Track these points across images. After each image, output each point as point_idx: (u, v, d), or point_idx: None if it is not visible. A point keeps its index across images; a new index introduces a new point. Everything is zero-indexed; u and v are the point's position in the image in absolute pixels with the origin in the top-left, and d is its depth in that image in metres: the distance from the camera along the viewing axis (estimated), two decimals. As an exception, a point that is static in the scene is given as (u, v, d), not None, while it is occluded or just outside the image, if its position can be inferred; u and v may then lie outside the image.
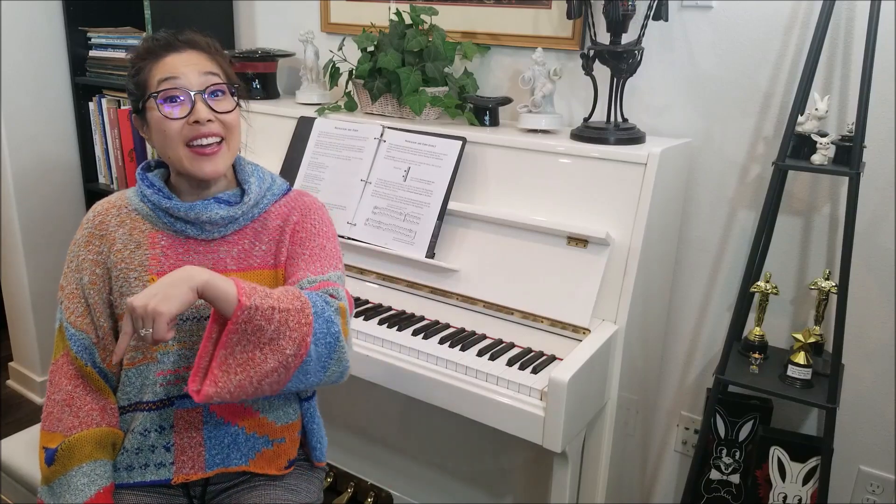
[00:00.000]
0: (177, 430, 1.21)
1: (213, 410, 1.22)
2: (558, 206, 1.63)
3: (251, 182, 1.25)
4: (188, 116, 1.14)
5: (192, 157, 1.16)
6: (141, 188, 1.23)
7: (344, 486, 2.11)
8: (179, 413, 1.21)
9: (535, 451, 1.76)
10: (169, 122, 1.15)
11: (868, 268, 1.66)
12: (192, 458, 1.22)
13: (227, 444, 1.24)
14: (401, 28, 1.91)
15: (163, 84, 1.15)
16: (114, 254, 1.20)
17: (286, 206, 1.29)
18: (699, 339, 1.91)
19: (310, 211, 1.29)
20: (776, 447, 1.70)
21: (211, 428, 1.23)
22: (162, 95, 1.14)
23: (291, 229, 1.26)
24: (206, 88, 1.16)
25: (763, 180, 1.73)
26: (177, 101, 1.15)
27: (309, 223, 1.27)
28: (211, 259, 1.22)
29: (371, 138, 1.85)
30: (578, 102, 1.92)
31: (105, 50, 2.48)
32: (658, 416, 2.01)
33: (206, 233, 1.22)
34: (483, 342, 1.57)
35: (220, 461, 1.24)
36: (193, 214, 1.19)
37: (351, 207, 1.81)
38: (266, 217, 1.27)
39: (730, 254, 1.82)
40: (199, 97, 1.15)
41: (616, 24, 1.63)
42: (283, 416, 1.28)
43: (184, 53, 1.17)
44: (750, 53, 1.69)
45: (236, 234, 1.24)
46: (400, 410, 2.00)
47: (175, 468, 1.22)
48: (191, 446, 1.22)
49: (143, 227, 1.22)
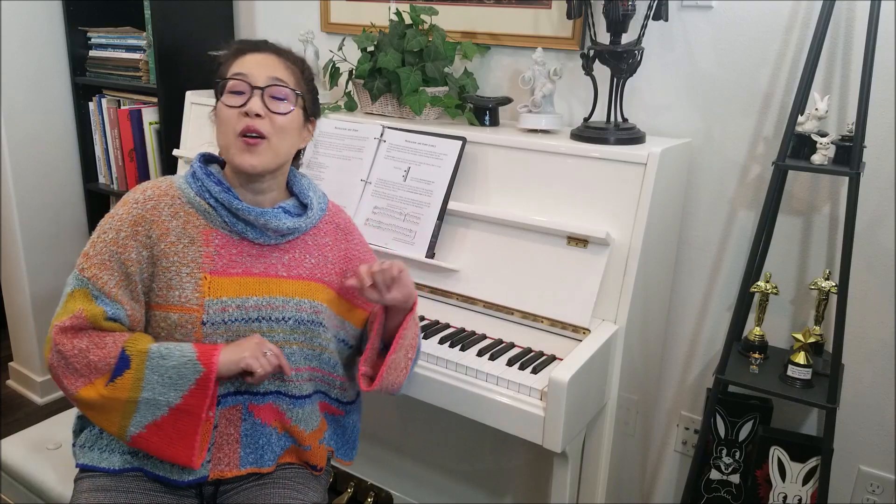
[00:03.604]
0: (219, 428, 1.23)
1: (252, 410, 1.25)
2: (558, 206, 1.63)
3: (311, 196, 1.32)
4: (242, 107, 1.18)
5: (239, 147, 1.19)
6: (205, 183, 1.23)
7: (344, 486, 2.11)
8: (223, 412, 1.23)
9: (535, 451, 1.75)
10: (225, 110, 1.20)
11: (868, 268, 1.66)
12: (227, 454, 1.24)
13: (262, 445, 1.27)
14: (401, 28, 1.91)
15: (233, 76, 1.21)
16: (165, 244, 1.21)
17: (330, 221, 1.36)
18: (699, 339, 1.91)
19: (351, 233, 1.39)
20: (776, 447, 1.70)
21: (248, 427, 1.25)
22: (229, 87, 1.20)
23: (343, 255, 1.35)
24: (268, 88, 1.20)
25: (763, 180, 1.73)
26: (240, 94, 1.20)
27: (363, 250, 1.40)
28: (264, 263, 1.25)
29: (371, 138, 1.85)
30: (578, 102, 1.92)
31: (105, 50, 2.48)
32: (658, 416, 2.01)
33: (266, 238, 1.25)
34: (483, 342, 1.57)
35: (254, 461, 1.26)
36: (263, 220, 1.22)
37: (351, 207, 1.81)
38: (316, 232, 1.33)
39: (730, 254, 1.82)
40: (258, 93, 1.19)
41: (616, 24, 1.63)
42: (310, 424, 1.32)
43: (261, 55, 1.24)
44: (750, 53, 1.69)
45: (289, 242, 1.29)
46: (400, 410, 2.00)
47: (211, 465, 1.24)
48: (228, 443, 1.24)
49: (197, 222, 1.23)
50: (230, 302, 1.20)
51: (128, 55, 2.41)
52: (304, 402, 1.30)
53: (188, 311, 1.19)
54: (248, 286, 1.23)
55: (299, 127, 1.26)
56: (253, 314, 1.22)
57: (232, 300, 1.21)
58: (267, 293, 1.23)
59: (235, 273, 1.22)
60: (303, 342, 1.27)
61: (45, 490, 1.48)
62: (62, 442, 1.57)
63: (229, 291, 1.21)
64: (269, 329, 1.23)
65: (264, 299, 1.23)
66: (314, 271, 1.30)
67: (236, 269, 1.23)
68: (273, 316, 1.23)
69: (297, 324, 1.25)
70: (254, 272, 1.24)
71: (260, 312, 1.22)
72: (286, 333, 1.25)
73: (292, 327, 1.25)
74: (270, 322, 1.23)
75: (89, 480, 1.24)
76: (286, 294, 1.25)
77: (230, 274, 1.22)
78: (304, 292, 1.26)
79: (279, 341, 1.24)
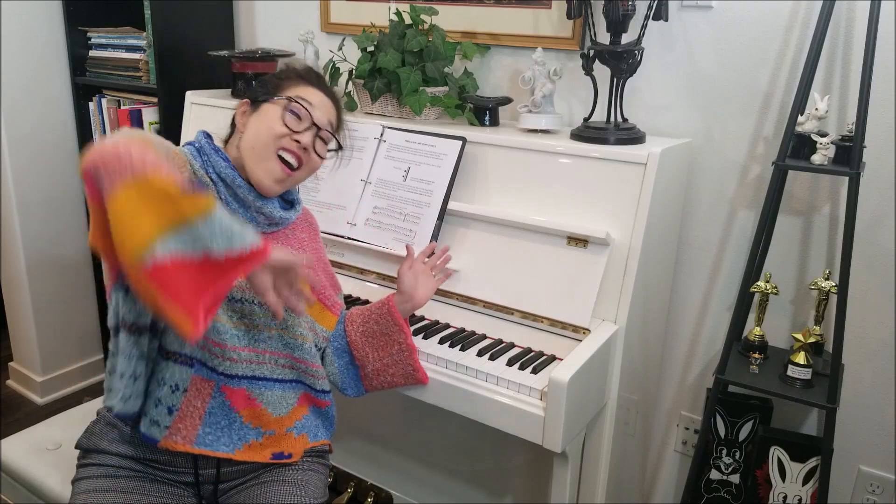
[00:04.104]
0: (188, 394, 1.21)
1: (224, 391, 1.23)
2: (558, 206, 1.63)
3: (296, 194, 1.38)
4: (297, 133, 1.25)
5: (273, 170, 1.25)
6: (212, 158, 1.25)
7: (344, 485, 2.11)
8: (195, 379, 1.21)
9: (535, 451, 1.75)
10: (280, 125, 1.25)
11: (868, 268, 1.66)
12: (187, 427, 1.21)
13: (223, 427, 1.24)
14: (401, 28, 1.91)
15: (301, 100, 1.27)
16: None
17: (304, 219, 1.44)
18: (699, 339, 1.91)
19: (318, 232, 1.48)
20: (776, 447, 1.70)
21: (215, 405, 1.23)
22: (295, 108, 1.26)
23: (316, 253, 1.43)
24: (322, 129, 1.30)
25: (763, 180, 1.73)
26: (300, 119, 1.27)
27: (323, 250, 1.48)
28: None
29: (371, 138, 1.85)
30: (578, 102, 1.92)
31: (105, 50, 2.48)
32: (658, 416, 2.01)
33: (255, 223, 1.28)
34: (483, 342, 1.57)
35: (210, 442, 1.23)
36: (259, 204, 1.26)
37: (351, 207, 1.81)
38: (294, 227, 1.39)
39: (730, 254, 1.82)
40: (315, 129, 1.28)
41: (616, 24, 1.63)
42: (279, 408, 1.30)
43: (326, 98, 1.32)
44: (750, 53, 1.69)
45: (272, 233, 1.33)
46: (400, 410, 2.00)
47: (168, 433, 1.20)
48: (190, 416, 1.21)
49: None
50: None
51: (128, 55, 2.41)
52: (276, 385, 1.28)
53: None
54: None
55: (321, 165, 1.34)
56: (236, 294, 1.23)
57: None
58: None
59: None
60: (283, 329, 1.28)
61: (45, 490, 1.48)
62: (62, 442, 1.57)
63: None
64: (251, 311, 1.24)
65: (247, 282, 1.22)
66: None
67: None
68: (255, 300, 1.24)
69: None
70: None
71: (243, 294, 1.23)
72: (266, 318, 1.26)
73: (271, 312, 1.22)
74: (252, 305, 1.24)
75: (88, 481, 1.24)
76: None
77: None
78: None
79: (259, 325, 1.25)
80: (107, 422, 1.29)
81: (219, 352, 1.21)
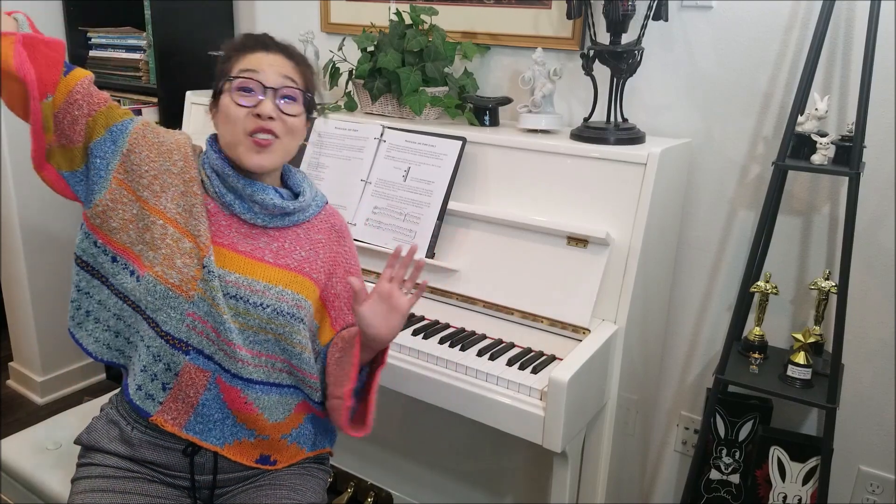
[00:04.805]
0: (179, 379, 1.20)
1: (219, 384, 1.21)
2: (558, 206, 1.63)
3: (304, 188, 1.31)
4: (253, 108, 1.18)
5: (249, 146, 1.19)
6: (208, 154, 1.25)
7: (344, 486, 2.11)
8: (188, 366, 1.20)
9: (535, 451, 1.75)
10: (235, 108, 1.19)
11: (868, 268, 1.66)
12: (178, 410, 1.21)
13: (214, 420, 1.23)
14: (401, 28, 1.91)
15: (242, 73, 1.20)
16: (185, 183, 1.23)
17: (325, 221, 1.34)
18: (699, 339, 1.91)
19: (345, 237, 1.36)
20: (776, 447, 1.70)
21: (209, 398, 1.21)
22: (238, 84, 1.19)
23: (333, 256, 1.32)
24: (280, 89, 1.20)
25: (763, 180, 1.73)
26: (250, 93, 1.19)
27: (352, 257, 1.37)
28: (250, 244, 1.24)
29: (371, 138, 1.85)
30: (578, 102, 1.92)
31: (105, 50, 2.48)
32: (658, 416, 2.01)
33: (253, 215, 1.24)
34: (483, 342, 1.57)
35: (199, 432, 1.23)
36: (250, 191, 1.22)
37: (351, 207, 1.81)
38: (309, 226, 1.31)
39: (730, 254, 1.82)
40: (271, 94, 1.19)
41: (616, 24, 1.63)
42: (276, 413, 1.27)
43: (271, 54, 1.23)
44: (750, 53, 1.69)
45: (279, 230, 1.27)
46: (400, 410, 2.00)
47: (160, 408, 1.21)
48: (183, 401, 1.21)
49: (196, 189, 1.23)
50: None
51: (128, 55, 2.41)
52: (273, 389, 1.25)
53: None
54: (231, 261, 1.21)
55: (304, 125, 1.27)
56: (231, 290, 1.19)
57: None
58: (250, 274, 1.21)
59: (221, 243, 1.21)
60: (280, 335, 1.23)
61: (45, 490, 1.48)
62: (62, 442, 1.57)
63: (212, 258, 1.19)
64: (245, 311, 1.20)
65: (245, 279, 1.20)
66: (303, 264, 1.27)
67: (222, 239, 1.22)
68: (252, 299, 1.20)
69: (276, 314, 1.21)
70: (239, 249, 1.22)
71: (238, 291, 1.20)
72: (262, 321, 1.21)
73: (270, 316, 1.21)
74: (248, 304, 1.20)
75: (86, 481, 1.24)
76: (269, 280, 1.22)
77: (216, 242, 1.21)
78: (288, 282, 1.24)
79: (254, 326, 1.21)
80: (109, 419, 1.29)
81: (215, 338, 1.18)
